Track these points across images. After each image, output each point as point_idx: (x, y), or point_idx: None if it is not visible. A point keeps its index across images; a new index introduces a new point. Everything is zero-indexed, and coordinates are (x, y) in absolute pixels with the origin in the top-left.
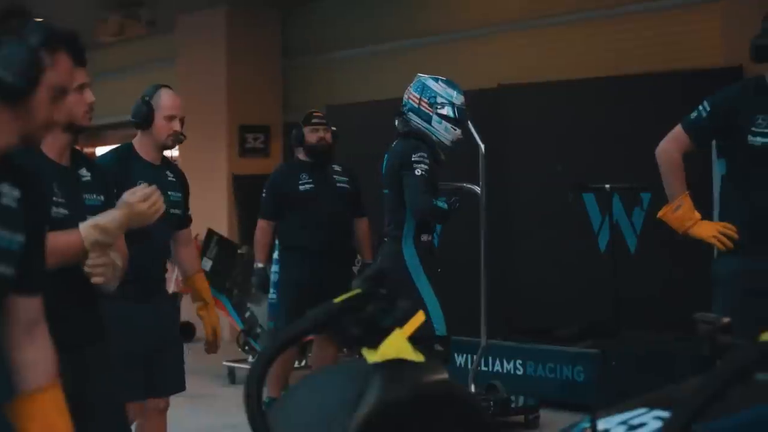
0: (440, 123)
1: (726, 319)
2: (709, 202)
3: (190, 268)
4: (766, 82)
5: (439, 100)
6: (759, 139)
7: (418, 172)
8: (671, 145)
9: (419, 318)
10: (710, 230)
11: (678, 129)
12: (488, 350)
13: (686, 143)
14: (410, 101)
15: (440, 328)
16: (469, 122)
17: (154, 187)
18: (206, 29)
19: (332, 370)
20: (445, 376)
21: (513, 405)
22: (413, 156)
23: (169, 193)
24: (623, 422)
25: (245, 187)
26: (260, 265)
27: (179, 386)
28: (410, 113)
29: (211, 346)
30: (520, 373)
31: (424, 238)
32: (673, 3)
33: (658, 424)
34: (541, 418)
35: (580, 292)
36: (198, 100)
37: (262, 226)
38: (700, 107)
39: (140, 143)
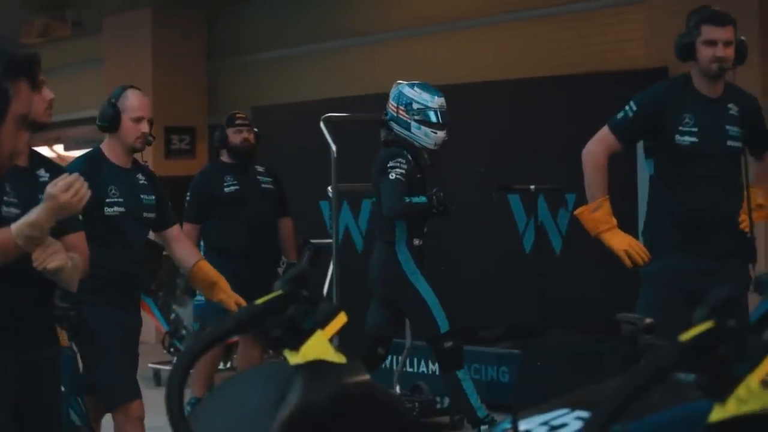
0: (419, 128)
1: (648, 320)
2: (635, 201)
3: (190, 259)
4: (692, 80)
5: (415, 106)
6: (687, 138)
7: (392, 176)
8: (597, 147)
9: (341, 319)
10: (622, 243)
11: (605, 130)
12: (413, 351)
13: (613, 144)
14: (390, 110)
15: (443, 324)
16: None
17: (75, 174)
18: (132, 31)
19: (255, 371)
20: (366, 377)
21: (438, 406)
22: (389, 162)
23: (142, 196)
24: (545, 423)
25: (170, 188)
26: None
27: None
28: (391, 122)
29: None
30: None
31: (416, 242)
32: (597, 5)
33: (580, 424)
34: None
35: (505, 293)
36: None
37: (188, 229)
38: (627, 107)
39: (109, 147)
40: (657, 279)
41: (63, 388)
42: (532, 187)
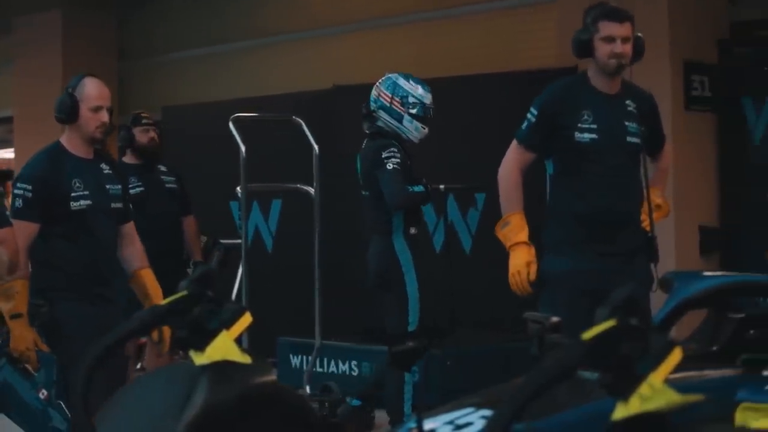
0: (411, 122)
1: (555, 319)
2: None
3: (132, 264)
4: (589, 78)
5: (411, 99)
6: (586, 135)
7: (390, 166)
8: (509, 163)
9: (246, 320)
10: (517, 264)
11: (513, 144)
12: (323, 351)
13: (524, 155)
14: (381, 99)
15: (413, 323)
16: (303, 123)
17: None
18: (42, 31)
19: (160, 372)
20: (272, 377)
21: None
22: (383, 153)
23: (108, 186)
24: (450, 422)
25: None
26: None
27: None
28: (380, 111)
29: (162, 345)
30: (355, 373)
31: (413, 231)
32: (509, 4)
33: (484, 423)
34: (376, 418)
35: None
36: (35, 102)
37: None
38: (529, 115)
39: (69, 139)
40: (561, 279)
41: (46, 392)
42: (442, 186)
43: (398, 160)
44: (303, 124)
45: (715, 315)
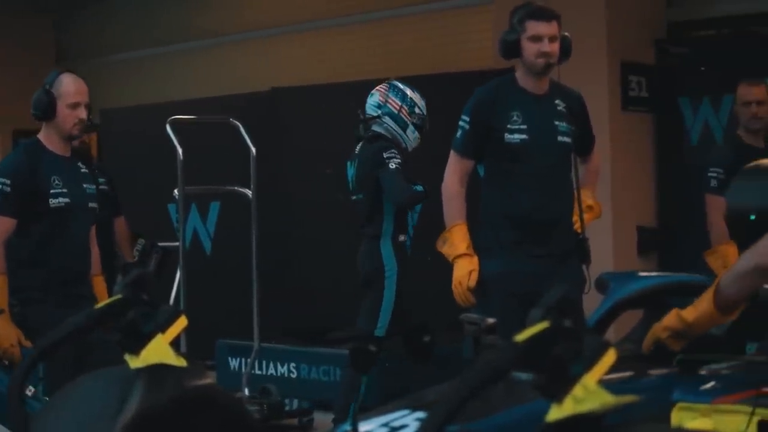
0: (414, 132)
1: (491, 320)
2: None
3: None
4: (516, 78)
5: (417, 110)
6: (516, 136)
7: (392, 165)
8: (449, 175)
9: (182, 323)
10: (458, 275)
11: (452, 155)
12: (261, 353)
13: (463, 164)
14: (389, 106)
15: (381, 329)
16: (240, 126)
17: None
18: None
19: (96, 376)
20: (208, 380)
21: (287, 408)
22: (384, 153)
23: (85, 185)
24: (385, 424)
25: None
26: None
27: None
28: (386, 117)
29: None
30: (294, 375)
31: (401, 238)
32: (446, 5)
33: (418, 425)
34: (315, 420)
35: (353, 294)
36: None
37: None
38: (461, 122)
39: (46, 136)
40: (493, 281)
41: (33, 389)
42: None
43: (399, 160)
44: (240, 126)
45: (650, 315)
